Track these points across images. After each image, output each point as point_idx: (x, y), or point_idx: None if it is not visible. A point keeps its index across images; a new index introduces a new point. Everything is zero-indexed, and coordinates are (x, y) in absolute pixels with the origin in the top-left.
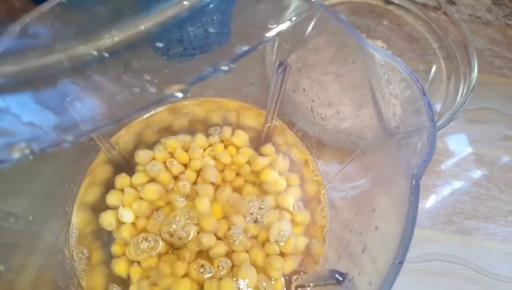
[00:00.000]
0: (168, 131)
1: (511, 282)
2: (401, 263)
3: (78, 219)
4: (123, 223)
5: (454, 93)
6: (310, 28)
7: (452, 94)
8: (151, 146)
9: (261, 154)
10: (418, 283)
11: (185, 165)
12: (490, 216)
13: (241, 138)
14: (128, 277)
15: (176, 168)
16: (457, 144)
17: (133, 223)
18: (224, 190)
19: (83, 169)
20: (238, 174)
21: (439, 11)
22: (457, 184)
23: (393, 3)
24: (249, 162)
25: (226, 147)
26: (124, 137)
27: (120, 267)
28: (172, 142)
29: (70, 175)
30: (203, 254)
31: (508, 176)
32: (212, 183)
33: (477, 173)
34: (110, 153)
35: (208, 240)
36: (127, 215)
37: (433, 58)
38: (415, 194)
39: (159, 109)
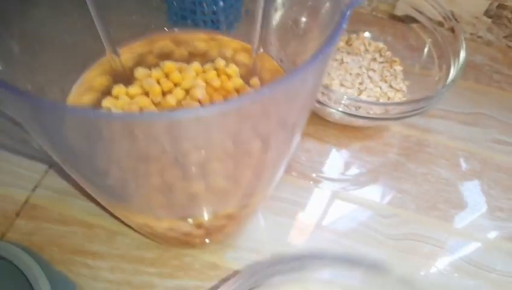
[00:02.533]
0: (168, 58)
1: (490, 272)
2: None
3: None
4: None
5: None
6: None
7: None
8: (150, 68)
9: (249, 86)
10: (397, 258)
11: (176, 85)
12: (477, 208)
13: (234, 69)
14: None
15: (167, 85)
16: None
17: None
18: None
19: (86, 66)
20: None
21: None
22: (445, 174)
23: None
24: (237, 91)
25: (218, 75)
26: (128, 54)
27: None
28: (169, 64)
29: (76, 69)
30: None
31: (498, 175)
32: (199, 101)
33: (466, 169)
34: (113, 59)
35: None
36: None
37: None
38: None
39: (163, 36)
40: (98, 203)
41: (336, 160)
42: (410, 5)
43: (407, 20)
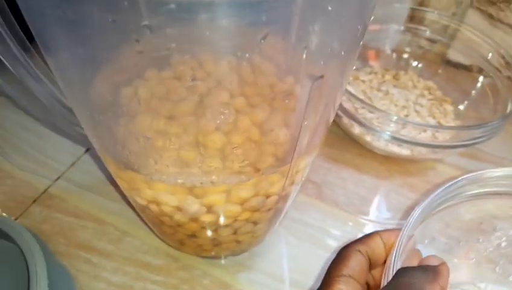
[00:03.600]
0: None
1: None
2: None
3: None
4: None
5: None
6: None
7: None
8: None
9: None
10: None
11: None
12: None
13: (268, 66)
14: None
15: (200, 72)
16: None
17: None
18: None
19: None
20: None
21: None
22: (498, 224)
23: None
24: (271, 87)
25: (253, 72)
26: None
27: None
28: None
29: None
30: None
31: None
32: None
33: None
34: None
35: None
36: (144, 92)
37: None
38: None
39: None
40: (114, 199)
41: (373, 192)
42: (467, 46)
43: (464, 66)
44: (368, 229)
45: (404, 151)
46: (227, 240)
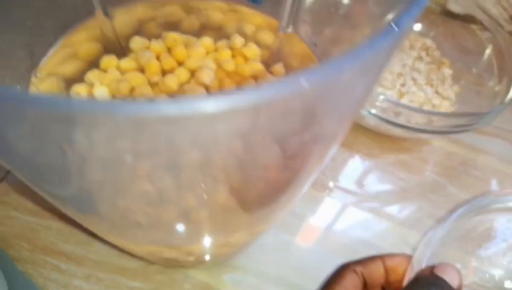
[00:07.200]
0: (174, 29)
1: None
2: None
3: (43, 86)
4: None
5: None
6: None
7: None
8: (150, 38)
9: (271, 73)
10: None
11: (180, 64)
12: None
13: (253, 50)
14: None
15: (169, 62)
16: None
17: None
18: None
19: (69, 27)
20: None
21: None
22: None
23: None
24: (255, 78)
25: (233, 56)
26: (124, 18)
27: None
28: (174, 36)
29: (54, 28)
30: None
31: None
32: (206, 87)
33: None
34: (104, 22)
35: None
36: (102, 92)
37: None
38: None
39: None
40: None
41: (363, 172)
42: None
43: (463, 18)
44: (357, 213)
45: (396, 131)
46: (201, 260)
